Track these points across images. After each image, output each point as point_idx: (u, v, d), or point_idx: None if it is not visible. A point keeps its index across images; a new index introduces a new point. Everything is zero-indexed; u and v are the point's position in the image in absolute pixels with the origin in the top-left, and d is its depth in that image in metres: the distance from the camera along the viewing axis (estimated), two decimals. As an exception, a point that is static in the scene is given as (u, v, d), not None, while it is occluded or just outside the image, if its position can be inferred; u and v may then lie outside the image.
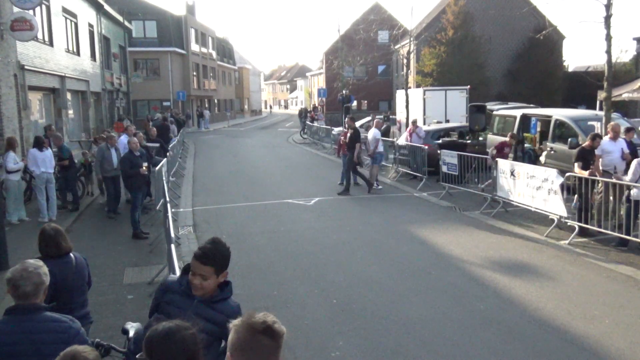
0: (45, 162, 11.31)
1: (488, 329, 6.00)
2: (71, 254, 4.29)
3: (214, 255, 3.02)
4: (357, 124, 26.06)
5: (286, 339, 2.02)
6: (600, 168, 9.69)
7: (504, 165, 11.44)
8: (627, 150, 10.22)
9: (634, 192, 8.38)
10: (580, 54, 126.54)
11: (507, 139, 12.88)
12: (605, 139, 10.36)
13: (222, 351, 3.08)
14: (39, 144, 11.46)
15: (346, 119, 16.08)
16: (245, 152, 26.42)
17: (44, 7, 17.47)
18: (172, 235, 7.32)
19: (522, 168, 10.90)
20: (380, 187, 15.29)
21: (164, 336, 2.13)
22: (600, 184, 9.13)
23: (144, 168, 10.69)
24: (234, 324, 2.05)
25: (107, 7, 26.84)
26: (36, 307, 3.06)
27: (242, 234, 10.46)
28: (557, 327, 5.98)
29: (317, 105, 49.41)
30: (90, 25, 24.59)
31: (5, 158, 10.85)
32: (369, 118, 28.45)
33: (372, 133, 16.10)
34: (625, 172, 9.33)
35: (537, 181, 10.22)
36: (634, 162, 8.78)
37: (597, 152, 9.73)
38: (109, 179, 11.99)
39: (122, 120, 23.51)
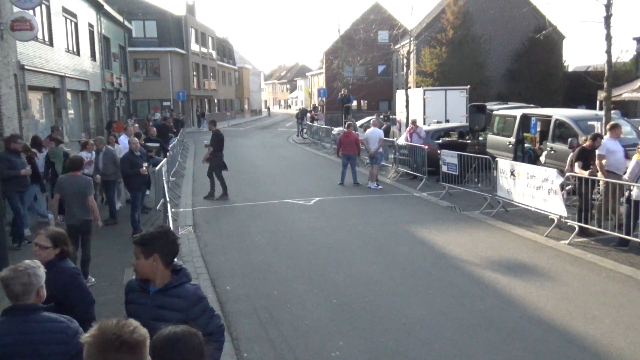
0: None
1: (488, 329, 6.00)
2: None
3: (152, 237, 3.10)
4: (358, 123, 26.23)
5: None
6: (606, 169, 9.43)
7: (504, 165, 11.43)
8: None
9: (634, 192, 8.37)
10: (580, 54, 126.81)
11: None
12: (607, 138, 10.22)
13: None
14: (37, 144, 11.43)
15: (209, 123, 15.50)
16: (245, 152, 26.39)
17: (44, 7, 17.45)
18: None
19: (522, 168, 10.89)
20: (380, 187, 15.29)
21: (167, 341, 2.10)
22: (602, 185, 9.11)
23: (144, 168, 10.68)
24: (84, 339, 1.83)
25: (107, 7, 26.81)
26: (33, 307, 3.05)
27: (242, 234, 10.46)
28: (557, 327, 5.98)
29: (317, 105, 49.38)
30: (90, 25, 24.57)
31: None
32: (370, 117, 28.38)
33: (374, 133, 16.08)
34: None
35: (537, 181, 10.21)
36: (633, 160, 8.76)
37: (601, 152, 9.47)
38: (109, 182, 11.91)
39: (120, 121, 23.48)
